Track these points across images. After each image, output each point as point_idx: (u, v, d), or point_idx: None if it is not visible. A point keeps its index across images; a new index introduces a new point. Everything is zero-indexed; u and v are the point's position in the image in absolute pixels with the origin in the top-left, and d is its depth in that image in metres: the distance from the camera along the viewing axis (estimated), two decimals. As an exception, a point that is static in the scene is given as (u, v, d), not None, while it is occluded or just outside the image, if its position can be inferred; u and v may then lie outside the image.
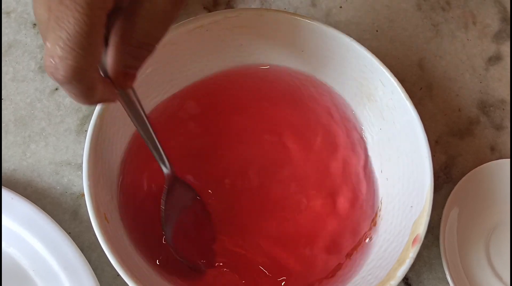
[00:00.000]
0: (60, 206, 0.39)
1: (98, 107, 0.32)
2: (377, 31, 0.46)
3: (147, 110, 0.37)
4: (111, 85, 0.26)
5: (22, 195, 0.38)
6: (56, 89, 0.43)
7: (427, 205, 0.32)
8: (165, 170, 0.33)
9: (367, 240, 0.35)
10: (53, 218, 0.37)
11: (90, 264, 0.36)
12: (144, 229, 0.35)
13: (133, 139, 0.36)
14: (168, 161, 0.33)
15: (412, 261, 0.31)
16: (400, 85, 0.35)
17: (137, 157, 0.36)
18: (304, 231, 0.37)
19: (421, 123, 0.34)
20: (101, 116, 0.32)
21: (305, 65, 0.39)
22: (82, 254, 0.36)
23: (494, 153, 0.44)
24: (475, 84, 0.46)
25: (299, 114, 0.39)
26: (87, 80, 0.23)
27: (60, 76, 0.22)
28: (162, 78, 0.37)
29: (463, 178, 0.41)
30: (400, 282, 0.40)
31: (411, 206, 0.33)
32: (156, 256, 0.34)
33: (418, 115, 0.34)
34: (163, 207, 0.33)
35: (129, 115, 0.29)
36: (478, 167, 0.42)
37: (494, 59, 0.47)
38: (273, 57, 0.39)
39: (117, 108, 0.34)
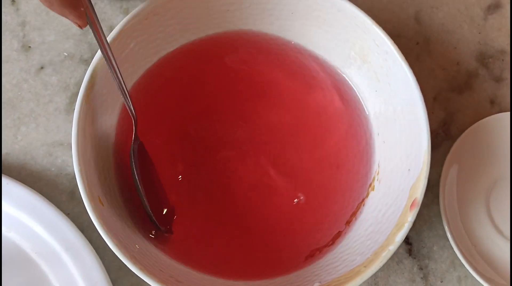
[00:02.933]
0: (57, 188, 0.39)
1: (82, 89, 0.31)
2: (370, -15, 0.44)
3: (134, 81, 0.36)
4: None
5: (17, 179, 0.37)
6: (42, 67, 0.41)
7: (424, 168, 0.31)
8: (132, 116, 0.33)
9: (365, 206, 0.35)
10: (50, 200, 0.37)
11: (91, 244, 0.36)
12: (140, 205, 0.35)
13: (122, 115, 0.35)
14: (132, 106, 0.33)
15: (410, 225, 0.30)
16: (394, 44, 0.33)
17: (127, 131, 0.36)
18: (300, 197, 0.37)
19: (417, 84, 0.32)
20: (86, 98, 0.31)
21: (294, 29, 0.37)
22: (82, 234, 0.36)
23: (493, 107, 0.43)
24: (473, 35, 0.45)
25: (288, 79, 0.38)
26: None
27: None
28: (147, 51, 0.36)
29: (462, 135, 0.41)
30: (401, 242, 0.40)
31: (409, 169, 0.33)
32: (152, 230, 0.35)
33: (414, 76, 0.33)
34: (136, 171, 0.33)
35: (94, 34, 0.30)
36: (477, 123, 0.41)
37: (493, 7, 0.45)
38: (261, 22, 0.37)
39: (102, 87, 0.33)
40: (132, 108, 0.33)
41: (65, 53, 0.42)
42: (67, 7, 0.28)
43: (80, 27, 0.29)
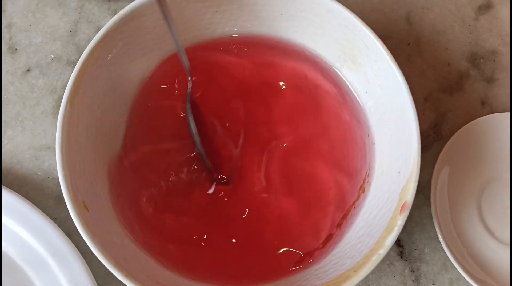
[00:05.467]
0: (43, 192, 0.38)
1: (66, 92, 0.31)
2: (361, -15, 0.44)
3: (126, 88, 0.36)
4: None
5: (2, 184, 0.37)
6: (28, 70, 0.41)
7: (414, 171, 0.31)
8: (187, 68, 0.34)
9: (356, 208, 0.35)
10: (36, 205, 0.37)
11: (78, 249, 0.36)
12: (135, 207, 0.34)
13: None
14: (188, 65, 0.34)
15: (400, 229, 0.30)
16: (384, 46, 0.33)
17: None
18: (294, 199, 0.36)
19: (407, 85, 0.32)
20: (71, 101, 0.31)
21: (283, 30, 0.37)
22: (69, 240, 0.36)
23: (485, 107, 0.43)
24: (464, 35, 0.44)
25: (282, 75, 0.38)
26: None
27: None
28: (134, 53, 0.35)
29: (453, 136, 0.40)
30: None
31: (399, 172, 0.32)
32: (146, 235, 0.34)
33: (403, 77, 0.32)
34: (191, 117, 0.34)
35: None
36: (468, 124, 0.41)
37: (484, 7, 0.45)
38: (249, 23, 0.37)
39: (88, 90, 0.33)
40: (187, 63, 0.34)
41: (52, 55, 0.41)
42: None
43: None
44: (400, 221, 0.30)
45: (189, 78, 0.35)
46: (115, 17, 0.32)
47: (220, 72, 0.38)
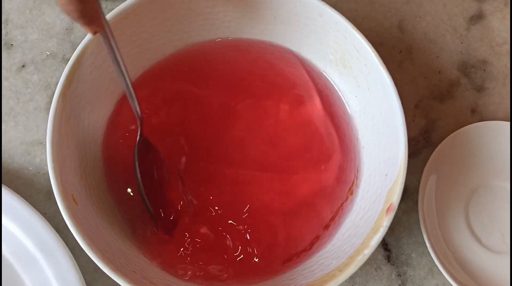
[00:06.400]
0: (34, 187, 0.38)
1: (59, 86, 0.31)
2: (354, -8, 0.45)
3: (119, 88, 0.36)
4: None
5: (-7, 178, 0.37)
6: (23, 66, 0.41)
7: (401, 173, 0.31)
8: (137, 117, 0.33)
9: (343, 210, 0.35)
10: (27, 200, 0.37)
11: (67, 245, 0.36)
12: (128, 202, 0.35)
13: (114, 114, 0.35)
14: (139, 110, 0.33)
15: (386, 229, 0.30)
16: (374, 50, 0.33)
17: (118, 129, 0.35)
18: (284, 201, 0.36)
19: (396, 89, 0.33)
20: (63, 94, 0.31)
21: (276, 33, 0.37)
22: (58, 235, 0.36)
23: (474, 116, 0.44)
24: (456, 45, 0.45)
25: (272, 85, 0.38)
26: None
27: None
28: (128, 51, 0.36)
29: (442, 143, 0.41)
30: (380, 247, 0.40)
31: (386, 174, 0.33)
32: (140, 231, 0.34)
33: (392, 81, 0.33)
34: (137, 162, 0.33)
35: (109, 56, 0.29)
36: (457, 131, 0.41)
37: (476, 18, 0.46)
38: (243, 26, 0.37)
39: (81, 85, 0.33)
40: (138, 109, 0.33)
41: (47, 52, 0.42)
42: (84, 24, 0.27)
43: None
44: (386, 222, 0.30)
45: (139, 123, 0.34)
46: (110, 14, 0.33)
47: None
